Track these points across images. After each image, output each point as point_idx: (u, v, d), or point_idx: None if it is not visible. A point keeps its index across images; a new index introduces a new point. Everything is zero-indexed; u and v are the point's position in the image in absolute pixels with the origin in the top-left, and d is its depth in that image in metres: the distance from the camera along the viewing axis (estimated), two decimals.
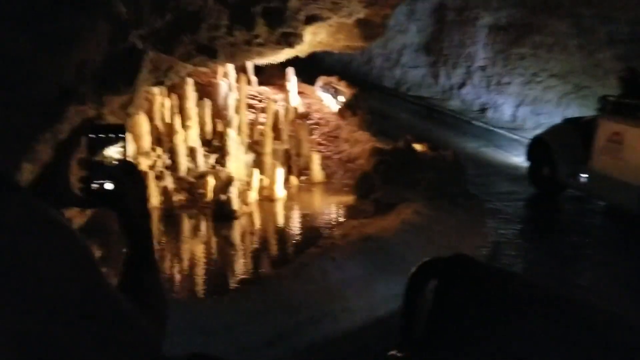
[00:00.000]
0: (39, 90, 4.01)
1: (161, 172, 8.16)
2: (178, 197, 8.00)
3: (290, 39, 6.21)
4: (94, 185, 0.99)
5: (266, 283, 4.36)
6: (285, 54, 7.65)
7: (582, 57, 10.75)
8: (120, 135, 1.01)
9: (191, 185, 8.26)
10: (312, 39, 8.03)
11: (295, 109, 11.42)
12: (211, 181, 7.80)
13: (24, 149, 4.12)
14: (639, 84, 6.95)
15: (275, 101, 11.39)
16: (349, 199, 7.32)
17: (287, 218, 7.46)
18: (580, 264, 6.04)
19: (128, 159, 1.02)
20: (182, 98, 8.75)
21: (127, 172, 1.01)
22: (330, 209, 7.46)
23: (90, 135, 1.00)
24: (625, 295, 5.18)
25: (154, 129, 8.59)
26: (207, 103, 9.42)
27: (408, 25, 15.39)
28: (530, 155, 8.10)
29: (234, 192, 7.33)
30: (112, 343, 0.79)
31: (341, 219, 6.81)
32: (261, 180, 8.40)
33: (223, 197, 7.30)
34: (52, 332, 0.73)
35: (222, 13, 5.41)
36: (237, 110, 9.54)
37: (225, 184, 7.34)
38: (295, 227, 7.01)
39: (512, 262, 5.86)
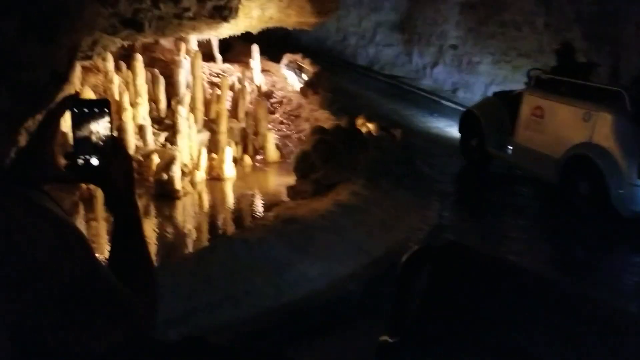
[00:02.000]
0: (30, 75, 3.85)
1: None
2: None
3: (223, 13, 5.99)
4: (80, 161, 0.98)
5: (166, 267, 4.20)
6: (228, 29, 7.40)
7: (550, 36, 10.52)
8: (104, 109, 0.99)
9: (139, 164, 8.07)
10: (262, 14, 7.79)
11: (258, 87, 11.21)
12: (156, 160, 7.62)
13: (13, 135, 3.98)
14: (573, 59, 7.01)
15: (240, 81, 11.17)
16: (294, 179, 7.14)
17: (229, 199, 7.29)
18: (517, 246, 5.87)
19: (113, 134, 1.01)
20: (132, 75, 8.52)
21: (113, 147, 0.99)
22: (274, 189, 7.29)
23: (74, 110, 0.98)
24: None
25: None
26: (161, 80, 9.21)
27: (382, 2, 15.11)
28: (461, 127, 8.27)
29: (176, 171, 7.16)
30: (105, 326, 0.80)
31: (279, 200, 6.65)
32: (212, 159, 8.23)
33: (165, 176, 7.12)
34: (44, 317, 0.73)
35: None
36: (193, 88, 9.32)
37: (167, 163, 7.16)
38: (232, 208, 6.85)
39: None
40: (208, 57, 12.33)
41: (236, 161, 8.88)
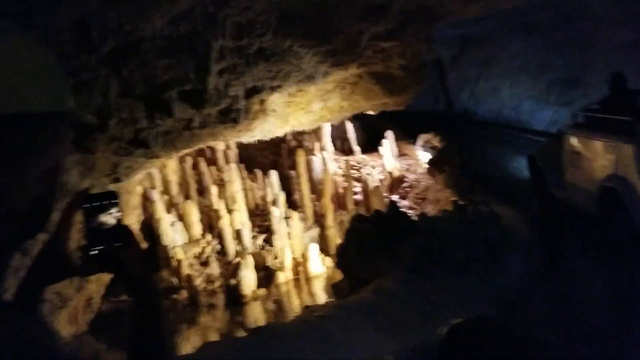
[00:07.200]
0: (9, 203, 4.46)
1: (207, 258, 8.26)
2: (220, 283, 7.98)
3: (231, 116, 5.94)
4: (92, 253, 1.07)
5: None
6: (285, 127, 7.27)
7: None
8: (112, 201, 1.09)
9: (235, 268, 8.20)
10: (325, 105, 7.58)
11: (390, 173, 10.77)
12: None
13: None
14: (625, 88, 6.16)
15: (345, 172, 10.90)
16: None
17: (290, 304, 6.91)
18: None
19: (122, 223, 1.10)
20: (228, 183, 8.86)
21: (122, 236, 1.08)
22: None
23: (85, 206, 1.09)
24: None
25: (205, 216, 8.81)
26: (267, 182, 9.40)
27: (553, 59, 13.62)
28: (529, 170, 8.07)
29: (244, 275, 7.08)
30: None
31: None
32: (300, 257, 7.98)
33: (233, 281, 7.09)
34: None
35: (133, 106, 5.38)
36: (300, 185, 9.33)
37: (235, 268, 7.15)
38: (278, 313, 6.45)
39: None
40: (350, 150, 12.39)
41: None
